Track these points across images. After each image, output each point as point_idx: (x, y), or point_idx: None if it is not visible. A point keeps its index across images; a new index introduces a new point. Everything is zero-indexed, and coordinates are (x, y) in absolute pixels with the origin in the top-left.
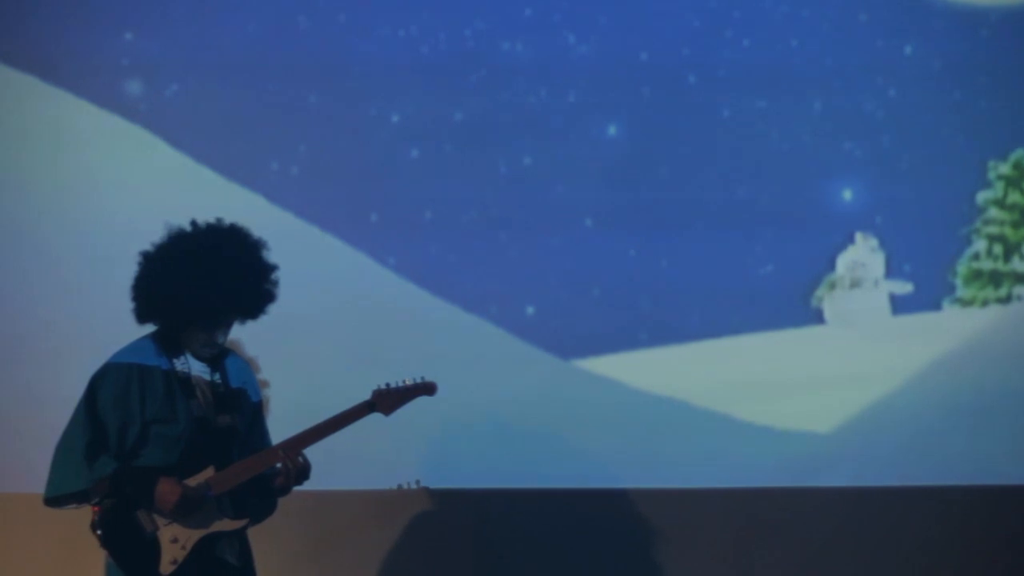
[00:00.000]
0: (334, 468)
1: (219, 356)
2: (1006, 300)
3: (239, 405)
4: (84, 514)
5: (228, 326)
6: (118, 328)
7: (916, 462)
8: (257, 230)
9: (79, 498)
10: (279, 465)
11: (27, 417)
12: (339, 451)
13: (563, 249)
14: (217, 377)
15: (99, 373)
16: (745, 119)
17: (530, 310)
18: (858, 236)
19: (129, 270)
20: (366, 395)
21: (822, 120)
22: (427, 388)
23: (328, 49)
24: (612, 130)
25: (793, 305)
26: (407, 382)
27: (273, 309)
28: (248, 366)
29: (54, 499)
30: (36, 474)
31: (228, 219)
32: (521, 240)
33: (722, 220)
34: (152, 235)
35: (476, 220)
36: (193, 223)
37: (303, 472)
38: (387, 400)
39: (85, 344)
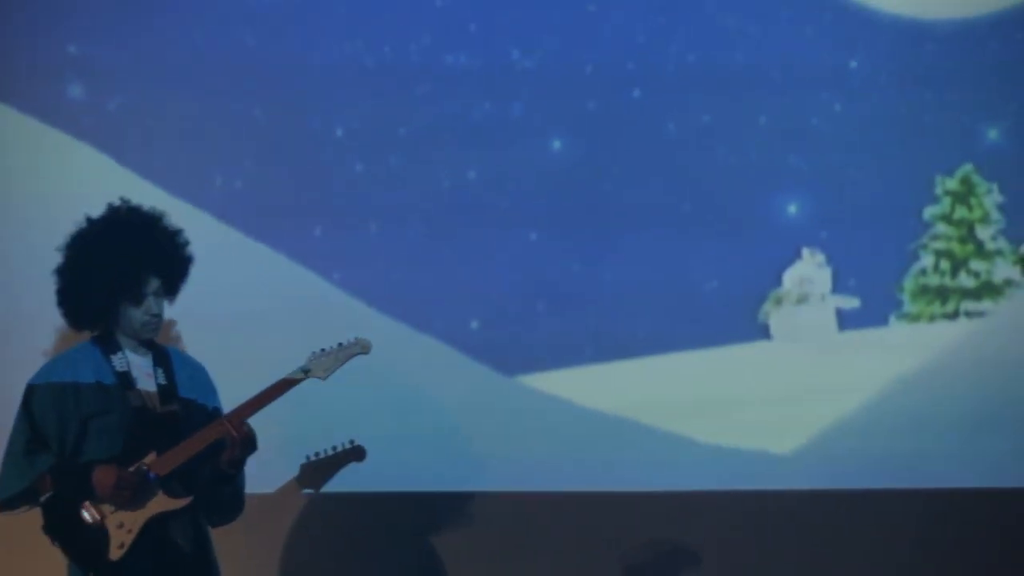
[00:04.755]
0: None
1: (160, 352)
2: (953, 316)
3: (187, 407)
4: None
5: (157, 295)
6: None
7: (862, 477)
8: (200, 244)
9: (27, 499)
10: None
11: None
12: (294, 457)
13: (508, 263)
14: (160, 373)
15: (33, 384)
16: (690, 133)
17: (474, 324)
18: (805, 251)
19: None
20: (310, 409)
21: (768, 134)
22: (361, 346)
23: (273, 62)
24: (557, 144)
25: (739, 320)
26: (341, 344)
27: (219, 325)
28: (200, 368)
29: (3, 502)
30: None
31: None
32: (466, 254)
33: (667, 235)
34: None
35: (421, 234)
36: (87, 218)
37: (249, 440)
38: (322, 363)
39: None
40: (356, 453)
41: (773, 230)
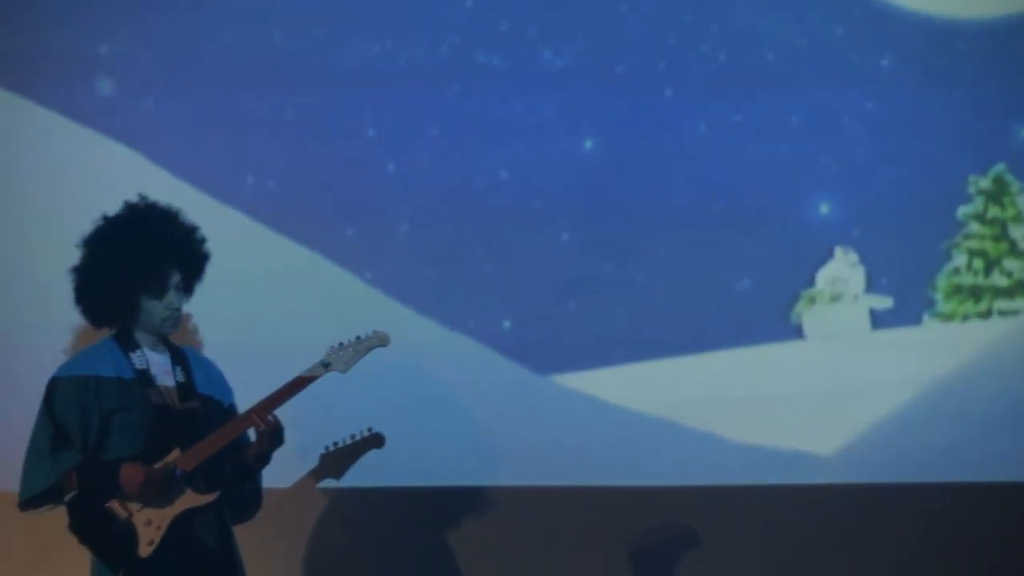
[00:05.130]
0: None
1: (177, 351)
2: (986, 315)
3: (205, 404)
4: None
5: (178, 290)
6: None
7: (896, 474)
8: (232, 244)
9: (51, 497)
10: (250, 438)
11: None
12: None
13: (540, 263)
14: (179, 371)
15: (55, 376)
16: (722, 133)
17: (507, 324)
18: (838, 251)
19: None
20: (344, 409)
21: (799, 133)
22: (379, 339)
23: (304, 63)
24: (588, 144)
25: (772, 320)
26: (359, 337)
27: (252, 325)
28: (215, 367)
29: (27, 501)
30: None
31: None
32: (498, 254)
33: (699, 234)
34: None
35: (452, 234)
36: (104, 216)
37: (277, 432)
38: (341, 357)
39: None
40: (375, 440)
41: (805, 229)
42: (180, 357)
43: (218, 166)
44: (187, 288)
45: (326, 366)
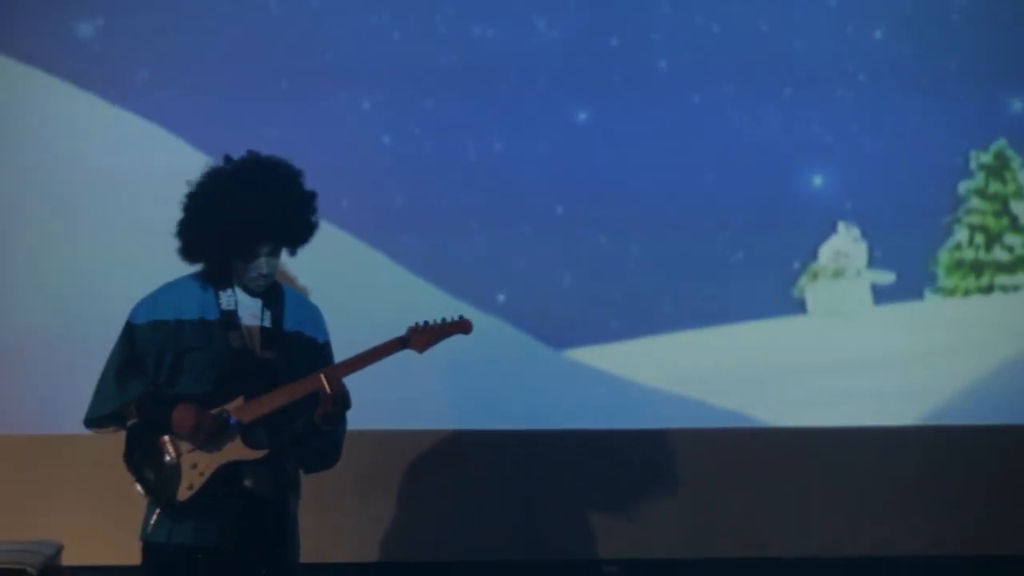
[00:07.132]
0: None
1: (274, 294)
2: (987, 290)
3: (287, 345)
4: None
5: (271, 255)
6: (107, 318)
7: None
8: None
9: (114, 420)
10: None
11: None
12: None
13: (534, 236)
14: (268, 315)
15: (136, 322)
16: (715, 105)
17: (501, 298)
18: (840, 225)
19: (112, 250)
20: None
21: (792, 106)
22: (462, 327)
23: (299, 35)
24: (582, 116)
25: (772, 294)
26: (444, 320)
27: None
28: (312, 307)
29: (90, 421)
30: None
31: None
32: (492, 227)
33: (693, 206)
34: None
35: (447, 207)
36: (227, 158)
37: (341, 397)
38: (421, 337)
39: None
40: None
41: (798, 202)
42: (275, 299)
43: (212, 137)
44: (289, 249)
45: (404, 343)
